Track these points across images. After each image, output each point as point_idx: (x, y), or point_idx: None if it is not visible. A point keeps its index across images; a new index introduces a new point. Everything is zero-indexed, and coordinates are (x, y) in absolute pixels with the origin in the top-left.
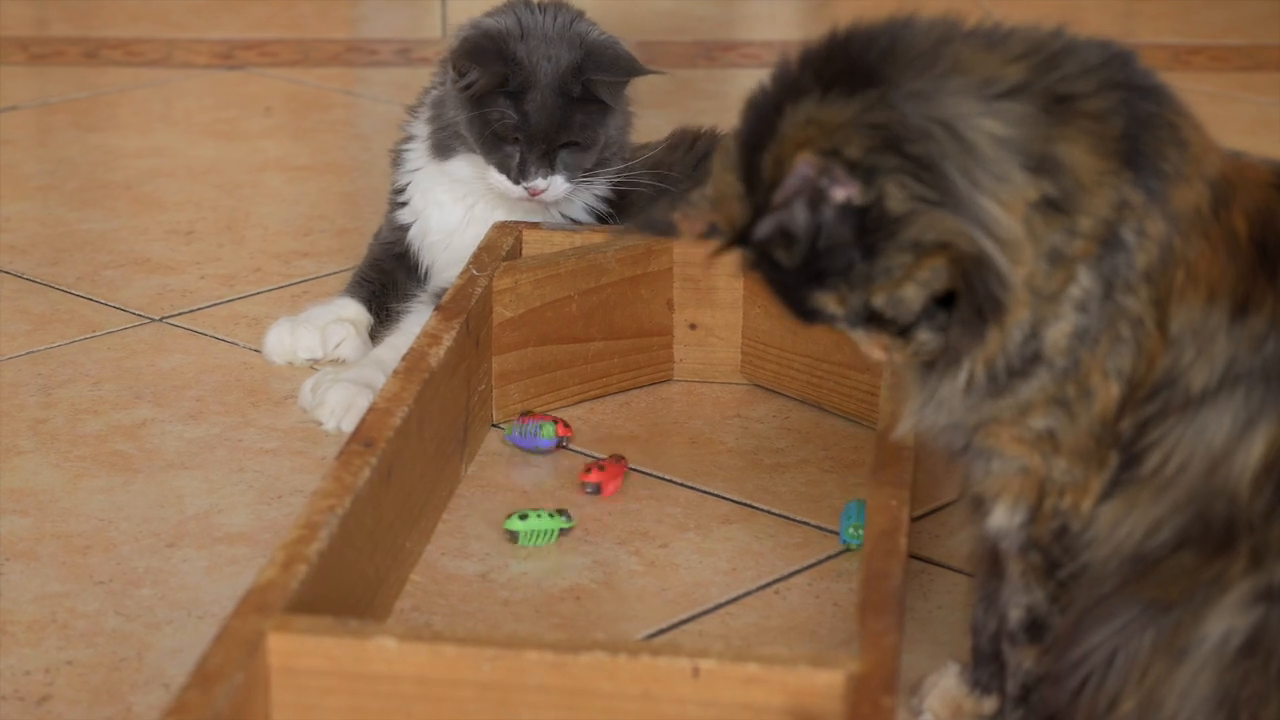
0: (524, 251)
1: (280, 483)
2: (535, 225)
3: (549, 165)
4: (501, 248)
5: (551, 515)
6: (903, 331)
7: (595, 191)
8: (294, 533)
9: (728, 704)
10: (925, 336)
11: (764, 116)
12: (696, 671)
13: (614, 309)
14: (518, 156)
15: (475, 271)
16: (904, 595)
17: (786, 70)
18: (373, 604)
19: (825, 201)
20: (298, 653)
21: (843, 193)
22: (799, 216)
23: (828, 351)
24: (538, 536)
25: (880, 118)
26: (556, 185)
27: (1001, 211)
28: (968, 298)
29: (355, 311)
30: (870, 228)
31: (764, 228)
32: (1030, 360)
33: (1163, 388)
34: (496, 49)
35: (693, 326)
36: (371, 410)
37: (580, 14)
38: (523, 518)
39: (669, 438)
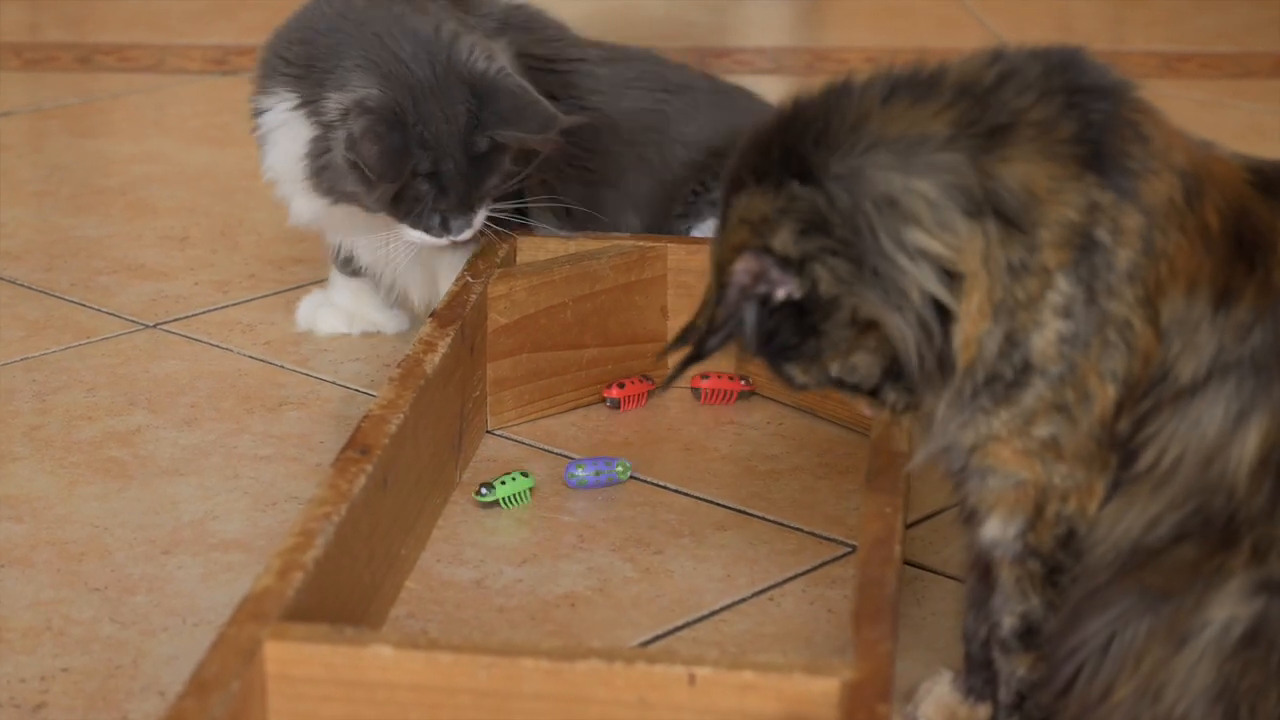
0: (518, 258)
1: (275, 489)
2: (529, 230)
3: (471, 211)
4: (496, 255)
5: (515, 477)
6: (871, 391)
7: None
8: (290, 540)
9: (723, 711)
10: (893, 396)
11: (721, 208)
12: (692, 679)
13: (608, 316)
14: (438, 217)
15: (470, 278)
16: (898, 602)
17: (731, 164)
18: (368, 611)
19: (768, 303)
20: (294, 661)
21: (782, 292)
22: (745, 321)
23: None
24: (517, 499)
25: (806, 204)
26: (478, 220)
27: (945, 255)
28: (909, 365)
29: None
30: (809, 309)
31: (714, 342)
32: (1022, 370)
33: (1155, 383)
34: (402, 147)
35: None
36: (367, 417)
37: (454, 35)
38: (490, 486)
39: (663, 444)
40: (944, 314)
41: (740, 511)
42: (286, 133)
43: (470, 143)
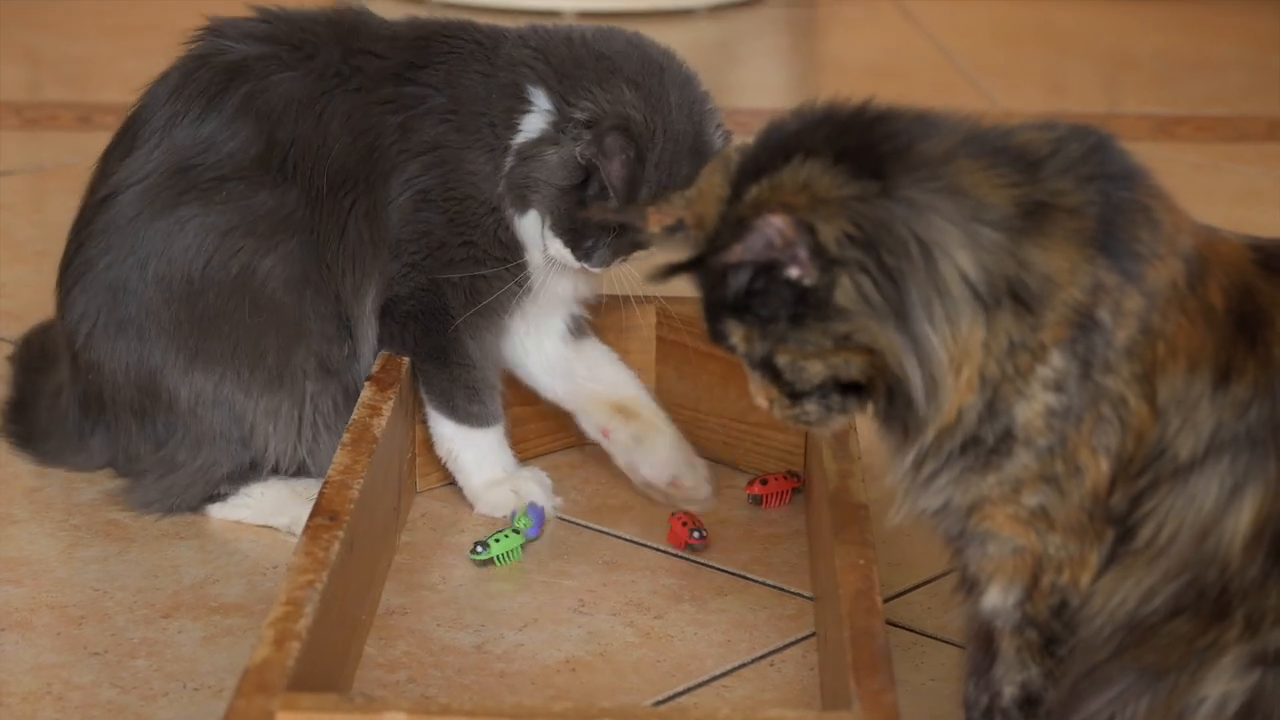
0: None
1: (274, 553)
2: None
3: (619, 257)
4: None
5: (507, 534)
6: (792, 394)
7: None
8: (279, 609)
9: None
10: (811, 408)
11: (772, 151)
12: None
13: None
14: (592, 243)
15: None
16: (890, 652)
17: (810, 119)
18: (340, 676)
19: (776, 271)
20: None
21: (796, 272)
22: (744, 274)
23: (743, 412)
24: (510, 555)
25: (869, 212)
26: (615, 264)
27: (942, 347)
28: (889, 406)
29: None
30: (807, 301)
31: (711, 266)
32: (1003, 438)
33: (1153, 460)
34: (640, 178)
35: None
36: (329, 483)
37: (712, 109)
38: (485, 545)
39: (662, 509)
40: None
41: (740, 576)
42: None
43: None
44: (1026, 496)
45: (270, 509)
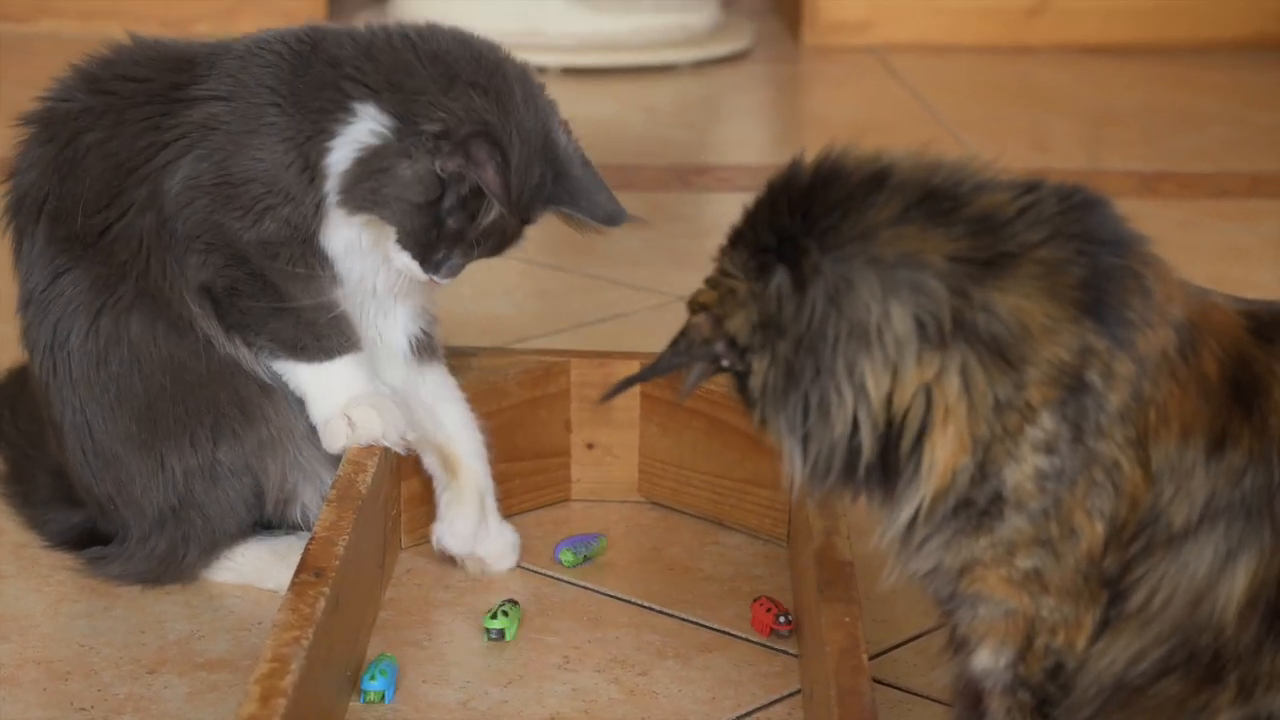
0: None
1: (260, 609)
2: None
3: (466, 261)
4: None
5: (507, 611)
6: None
7: None
8: (264, 666)
9: None
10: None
11: (734, 231)
12: None
13: (515, 430)
14: (443, 254)
15: None
16: (876, 711)
17: (775, 189)
18: None
19: (716, 357)
20: None
21: (725, 362)
22: (688, 361)
23: (728, 468)
24: (513, 628)
25: (775, 306)
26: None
27: (880, 394)
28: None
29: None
30: (740, 385)
31: (655, 374)
32: (993, 500)
33: (1146, 525)
34: (509, 180)
35: (590, 446)
36: (314, 540)
37: (551, 102)
38: (495, 616)
39: (647, 565)
40: (890, 428)
41: (725, 633)
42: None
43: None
44: (1020, 559)
45: (254, 573)
